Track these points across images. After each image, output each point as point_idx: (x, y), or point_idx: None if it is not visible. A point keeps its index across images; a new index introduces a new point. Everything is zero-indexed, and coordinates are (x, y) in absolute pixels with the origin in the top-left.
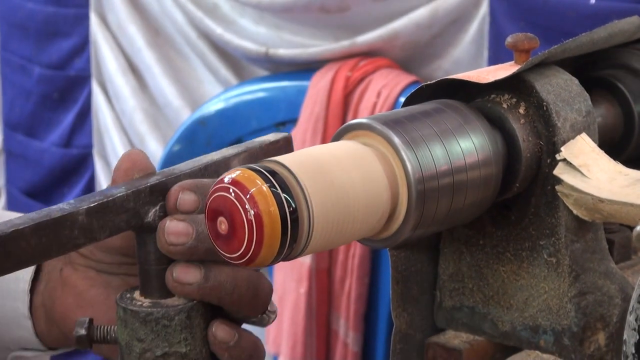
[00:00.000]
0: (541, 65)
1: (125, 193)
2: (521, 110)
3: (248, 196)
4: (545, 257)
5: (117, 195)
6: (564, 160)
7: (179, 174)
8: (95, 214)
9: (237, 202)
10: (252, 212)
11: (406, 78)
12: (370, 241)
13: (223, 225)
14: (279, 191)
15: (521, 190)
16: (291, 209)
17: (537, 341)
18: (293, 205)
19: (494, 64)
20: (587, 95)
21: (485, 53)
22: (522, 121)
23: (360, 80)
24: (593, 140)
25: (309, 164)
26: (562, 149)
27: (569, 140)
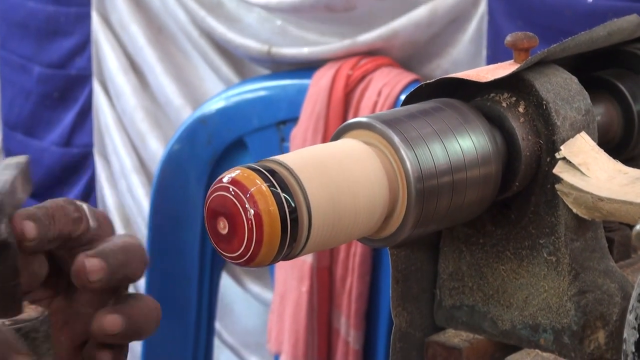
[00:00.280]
0: (540, 64)
1: None
2: (521, 109)
3: (248, 195)
4: (545, 255)
5: None
6: (564, 158)
7: None
8: None
9: (236, 202)
10: (251, 211)
11: (407, 77)
12: (370, 240)
13: (223, 225)
14: (279, 190)
15: (521, 189)
16: (291, 208)
17: (537, 340)
18: (293, 205)
19: (492, 62)
20: (587, 93)
21: (484, 52)
22: (522, 120)
23: (361, 78)
24: (592, 138)
25: (308, 163)
26: (561, 147)
27: (568, 138)
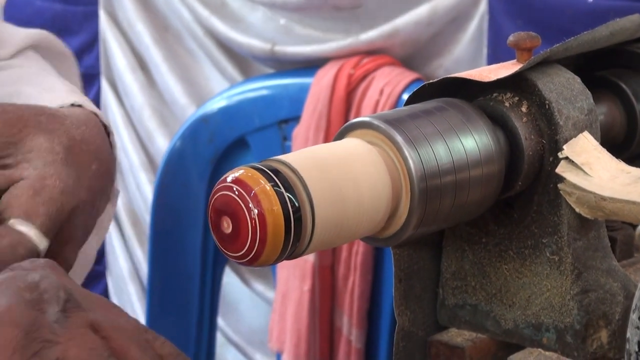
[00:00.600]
0: (543, 64)
1: None
2: (523, 109)
3: (251, 195)
4: (548, 255)
5: None
6: (566, 158)
7: None
8: None
9: (240, 201)
10: (255, 211)
11: (409, 75)
12: (373, 239)
13: (226, 224)
14: (282, 190)
15: (523, 189)
16: (294, 208)
17: (539, 339)
18: (296, 204)
19: (493, 61)
20: (589, 93)
21: (485, 51)
22: (525, 119)
23: (363, 77)
24: (595, 138)
25: (311, 162)
26: (564, 147)
27: (571, 138)
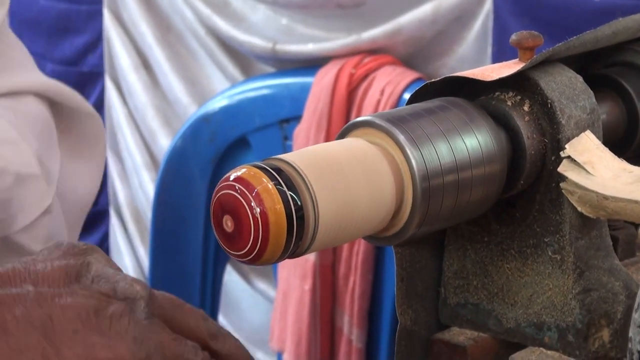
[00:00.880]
0: (545, 63)
1: None
2: (526, 108)
3: (254, 194)
4: (550, 254)
5: None
6: (569, 157)
7: None
8: None
9: (243, 200)
10: (258, 209)
11: (410, 75)
12: (375, 238)
13: (229, 223)
14: (285, 189)
15: (526, 188)
16: (297, 207)
17: (541, 338)
18: (299, 203)
19: (498, 60)
20: (592, 92)
21: (489, 49)
22: (527, 118)
23: (364, 77)
24: (597, 137)
25: (314, 161)
26: (566, 146)
27: (573, 137)
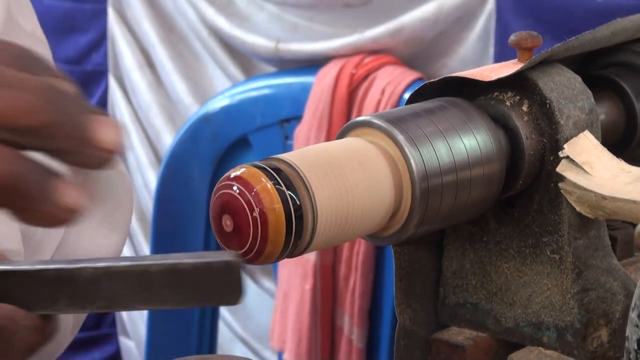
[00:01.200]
0: (544, 63)
1: None
2: (524, 108)
3: (253, 193)
4: (549, 254)
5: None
6: (567, 157)
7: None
8: None
9: (241, 200)
10: (256, 209)
11: (410, 75)
12: (374, 238)
13: (228, 222)
14: (284, 188)
15: (524, 188)
16: (296, 206)
17: (540, 337)
18: (298, 203)
19: (500, 61)
20: (590, 92)
21: (491, 50)
22: (525, 119)
23: (365, 77)
24: (596, 137)
25: (313, 161)
26: (565, 146)
27: (571, 137)
